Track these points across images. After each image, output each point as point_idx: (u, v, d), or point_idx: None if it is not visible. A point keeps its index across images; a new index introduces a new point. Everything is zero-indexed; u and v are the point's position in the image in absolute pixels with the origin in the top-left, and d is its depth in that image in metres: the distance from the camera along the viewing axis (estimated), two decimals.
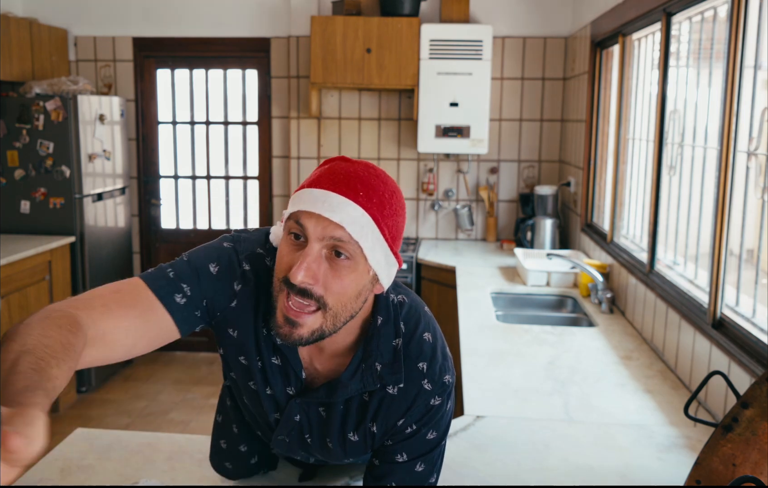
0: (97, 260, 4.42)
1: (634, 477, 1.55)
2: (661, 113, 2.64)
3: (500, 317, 2.95)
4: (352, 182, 0.97)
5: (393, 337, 1.08)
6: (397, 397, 1.09)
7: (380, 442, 1.15)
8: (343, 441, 1.15)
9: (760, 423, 1.09)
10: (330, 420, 1.14)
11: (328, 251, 0.97)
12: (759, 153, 1.90)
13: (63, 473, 1.47)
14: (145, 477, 1.46)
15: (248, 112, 4.97)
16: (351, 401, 1.12)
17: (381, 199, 0.98)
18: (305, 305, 0.97)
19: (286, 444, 1.21)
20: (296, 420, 1.16)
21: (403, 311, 1.11)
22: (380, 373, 1.08)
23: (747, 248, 2.01)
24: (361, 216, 0.96)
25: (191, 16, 4.77)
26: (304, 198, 0.97)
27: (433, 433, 1.13)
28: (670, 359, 2.30)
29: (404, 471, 1.14)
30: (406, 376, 1.09)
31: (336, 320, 0.99)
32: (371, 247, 0.97)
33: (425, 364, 1.09)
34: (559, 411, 1.92)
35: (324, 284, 0.97)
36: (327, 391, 1.11)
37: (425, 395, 1.09)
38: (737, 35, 1.94)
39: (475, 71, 4.21)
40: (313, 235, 0.96)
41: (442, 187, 4.71)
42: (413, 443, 1.13)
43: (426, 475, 1.16)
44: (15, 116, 4.15)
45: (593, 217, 3.82)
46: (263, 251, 1.11)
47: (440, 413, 1.12)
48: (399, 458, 1.13)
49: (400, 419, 1.10)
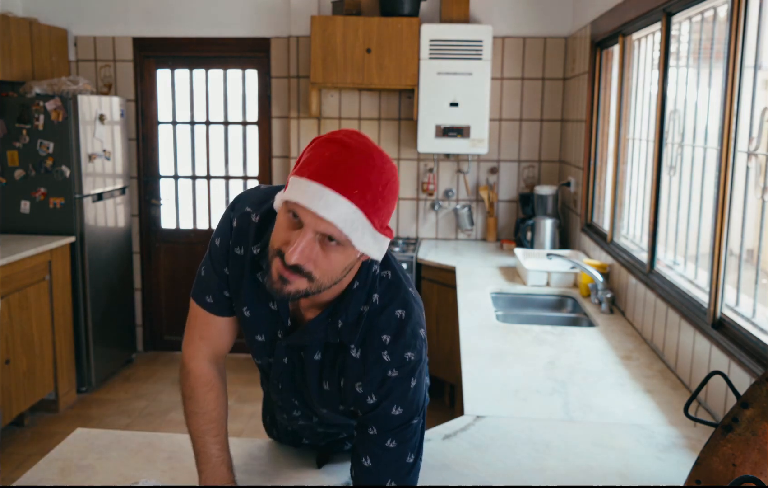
0: (97, 260, 4.42)
1: (634, 477, 1.55)
2: (661, 113, 2.63)
3: (500, 317, 2.95)
4: (349, 179, 1.03)
5: (362, 303, 1.18)
6: (357, 361, 1.19)
7: (350, 405, 1.25)
8: (319, 388, 1.27)
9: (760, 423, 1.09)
10: (308, 365, 1.26)
11: (321, 236, 1.06)
12: (759, 153, 1.90)
13: (63, 473, 1.47)
14: (145, 477, 1.46)
15: (248, 112, 4.97)
16: (326, 353, 1.24)
17: (374, 194, 1.05)
18: (295, 274, 1.08)
19: (282, 392, 1.34)
20: (285, 362, 1.29)
21: (382, 286, 1.20)
22: (340, 329, 1.19)
23: (747, 248, 2.01)
24: (353, 213, 1.03)
25: (191, 16, 4.77)
26: (302, 190, 1.04)
27: (397, 409, 1.19)
28: (670, 359, 2.30)
29: (376, 445, 1.21)
30: (368, 343, 1.18)
31: (320, 286, 1.10)
32: (360, 237, 1.06)
33: (389, 337, 1.17)
34: (559, 411, 1.92)
35: (314, 263, 1.07)
36: (300, 334, 1.24)
37: (382, 365, 1.17)
38: (737, 35, 1.94)
39: (475, 71, 4.21)
40: (308, 225, 1.04)
41: (442, 187, 4.71)
42: (379, 416, 1.20)
43: (400, 453, 1.21)
44: (15, 116, 4.15)
45: (593, 217, 3.82)
46: (251, 209, 1.25)
47: (401, 388, 1.18)
48: (370, 431, 1.21)
49: (358, 383, 1.20)
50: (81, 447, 1.58)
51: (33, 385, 3.89)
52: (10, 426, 3.87)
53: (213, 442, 1.34)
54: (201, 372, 1.35)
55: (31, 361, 3.85)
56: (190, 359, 1.35)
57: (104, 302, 4.53)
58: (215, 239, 1.29)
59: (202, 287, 1.32)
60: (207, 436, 1.34)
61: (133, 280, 5.03)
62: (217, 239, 1.29)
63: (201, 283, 1.33)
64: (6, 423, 3.68)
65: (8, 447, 3.72)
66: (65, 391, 4.21)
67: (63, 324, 4.17)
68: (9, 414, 3.67)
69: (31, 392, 3.88)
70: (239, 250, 1.25)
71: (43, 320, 3.98)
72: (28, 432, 3.90)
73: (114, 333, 4.71)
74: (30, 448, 3.70)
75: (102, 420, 4.05)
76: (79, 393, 4.40)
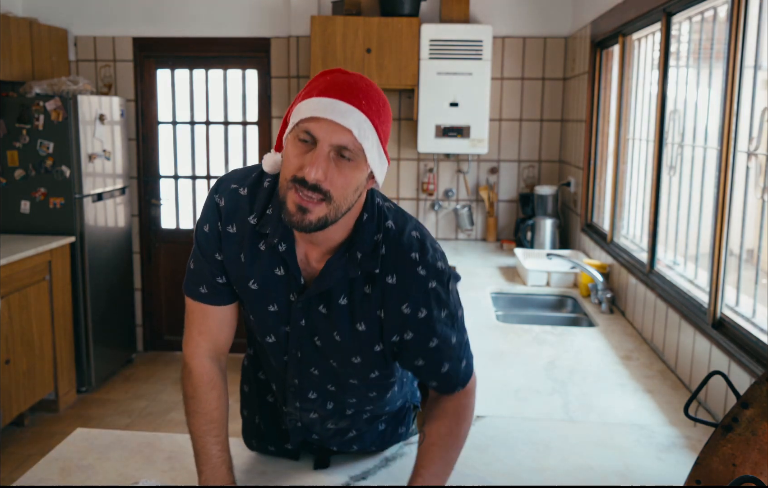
0: (97, 260, 4.42)
1: (634, 477, 1.55)
2: (661, 113, 2.63)
3: (500, 317, 2.95)
4: (355, 92, 1.12)
5: (375, 232, 1.23)
6: (396, 285, 1.22)
7: (395, 333, 1.26)
8: (352, 333, 1.26)
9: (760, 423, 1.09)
10: (333, 315, 1.25)
11: (335, 153, 1.11)
12: (759, 153, 1.90)
13: (63, 473, 1.47)
14: (145, 477, 1.46)
15: (248, 112, 4.97)
16: (353, 294, 1.24)
17: (378, 106, 1.14)
18: (314, 196, 1.11)
19: (301, 362, 1.32)
20: (302, 325, 1.28)
21: (390, 214, 1.26)
22: (360, 260, 1.21)
23: (747, 248, 2.01)
24: (364, 121, 1.11)
25: (191, 16, 4.77)
26: (314, 106, 1.10)
27: (444, 311, 1.26)
28: (670, 359, 2.30)
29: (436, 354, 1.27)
30: (401, 265, 1.22)
31: (338, 210, 1.14)
32: (371, 148, 1.12)
33: (417, 254, 1.23)
34: (559, 411, 1.92)
35: (330, 181, 1.11)
36: (319, 281, 1.23)
37: (421, 280, 1.23)
38: (737, 35, 1.94)
39: (475, 71, 4.21)
40: (323, 139, 1.09)
41: (442, 187, 4.71)
42: (432, 329, 1.25)
43: (452, 346, 1.28)
44: (15, 116, 4.15)
45: (593, 217, 3.82)
46: (237, 185, 1.27)
47: (443, 296, 1.25)
48: (432, 344, 1.26)
49: (403, 304, 1.23)
50: (81, 447, 1.58)
51: (33, 385, 3.89)
52: (10, 426, 3.87)
53: (213, 443, 1.34)
54: (203, 371, 1.34)
55: (31, 361, 3.85)
56: (191, 357, 1.35)
57: (104, 302, 4.53)
58: (202, 226, 1.29)
59: (194, 280, 1.31)
60: (208, 436, 1.34)
61: (133, 280, 5.03)
62: (205, 226, 1.28)
63: (192, 276, 1.32)
64: (6, 423, 3.68)
65: (8, 447, 3.72)
66: (65, 391, 4.21)
67: (63, 324, 4.17)
68: (9, 414, 3.68)
69: (31, 392, 3.88)
70: (232, 228, 1.26)
71: (43, 320, 3.98)
72: (28, 432, 3.90)
73: (114, 333, 4.71)
74: (30, 448, 3.70)
75: (102, 420, 4.05)
76: (79, 393, 4.40)
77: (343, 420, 1.45)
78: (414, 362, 1.30)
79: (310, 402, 1.39)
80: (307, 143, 1.11)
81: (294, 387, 1.37)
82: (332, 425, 1.45)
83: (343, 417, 1.44)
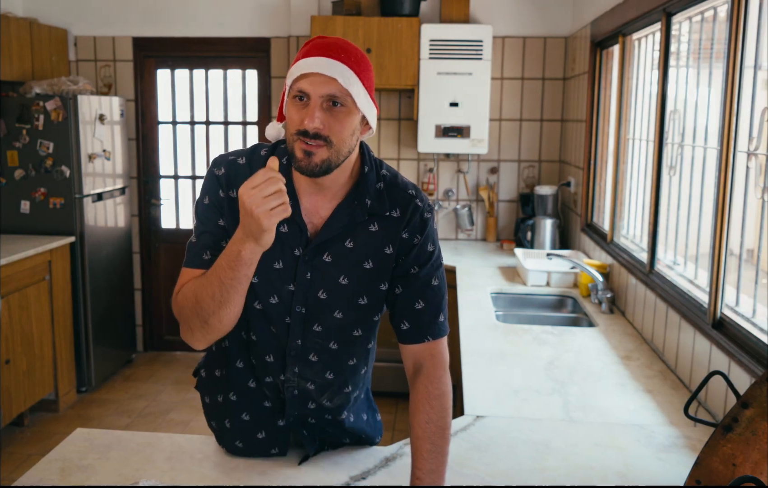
0: (97, 260, 4.42)
1: (634, 477, 1.55)
2: (661, 113, 2.63)
3: (500, 317, 2.95)
4: (334, 49, 1.26)
5: (376, 182, 1.39)
6: (398, 218, 1.39)
7: (395, 260, 1.39)
8: (359, 272, 1.38)
9: (760, 423, 1.09)
10: (339, 261, 1.37)
11: (327, 103, 1.24)
12: (759, 153, 1.90)
13: (63, 473, 1.47)
14: (145, 477, 1.46)
15: (248, 112, 4.97)
16: (358, 237, 1.37)
17: (357, 58, 1.28)
18: (316, 143, 1.24)
19: (306, 320, 1.38)
20: (308, 278, 1.37)
21: (383, 165, 1.44)
22: (370, 206, 1.37)
23: (747, 248, 2.01)
24: (346, 70, 1.24)
25: (191, 16, 4.77)
26: (302, 66, 1.25)
27: (431, 245, 1.42)
28: (670, 360, 2.30)
29: (428, 286, 1.40)
30: (401, 200, 1.40)
31: (339, 153, 1.27)
32: (357, 93, 1.26)
33: (412, 190, 1.43)
34: (559, 411, 1.92)
35: (328, 128, 1.24)
36: (327, 229, 1.35)
37: (419, 210, 1.41)
38: (737, 35, 1.94)
39: (475, 71, 4.21)
40: (314, 92, 1.23)
41: (442, 187, 4.71)
42: (423, 254, 1.40)
43: (438, 290, 1.42)
44: (15, 116, 4.15)
45: (593, 217, 3.82)
46: (234, 157, 1.39)
47: (432, 228, 1.43)
48: (419, 272, 1.40)
49: (404, 230, 1.39)
50: (81, 447, 1.58)
51: (33, 385, 3.89)
52: (10, 426, 3.87)
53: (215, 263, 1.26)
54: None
55: (31, 361, 3.85)
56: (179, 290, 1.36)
57: (104, 302, 4.53)
58: (203, 198, 1.37)
59: (196, 251, 1.34)
60: (209, 273, 1.27)
61: (133, 280, 5.03)
62: (205, 198, 1.37)
63: (193, 248, 1.35)
64: (6, 423, 3.68)
65: (8, 447, 3.72)
66: (65, 391, 4.21)
67: (63, 324, 4.17)
68: (9, 414, 3.68)
69: (31, 392, 3.88)
70: (233, 193, 1.35)
71: (43, 320, 3.98)
72: (28, 432, 3.90)
73: (114, 333, 4.71)
74: (30, 448, 3.70)
75: (102, 420, 4.05)
76: (79, 393, 4.40)
77: (338, 395, 1.48)
78: (414, 306, 1.39)
79: (310, 366, 1.43)
80: (303, 100, 1.25)
81: (295, 349, 1.41)
82: (327, 402, 1.48)
83: (338, 392, 1.48)
